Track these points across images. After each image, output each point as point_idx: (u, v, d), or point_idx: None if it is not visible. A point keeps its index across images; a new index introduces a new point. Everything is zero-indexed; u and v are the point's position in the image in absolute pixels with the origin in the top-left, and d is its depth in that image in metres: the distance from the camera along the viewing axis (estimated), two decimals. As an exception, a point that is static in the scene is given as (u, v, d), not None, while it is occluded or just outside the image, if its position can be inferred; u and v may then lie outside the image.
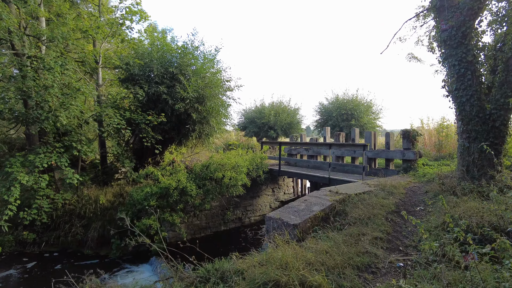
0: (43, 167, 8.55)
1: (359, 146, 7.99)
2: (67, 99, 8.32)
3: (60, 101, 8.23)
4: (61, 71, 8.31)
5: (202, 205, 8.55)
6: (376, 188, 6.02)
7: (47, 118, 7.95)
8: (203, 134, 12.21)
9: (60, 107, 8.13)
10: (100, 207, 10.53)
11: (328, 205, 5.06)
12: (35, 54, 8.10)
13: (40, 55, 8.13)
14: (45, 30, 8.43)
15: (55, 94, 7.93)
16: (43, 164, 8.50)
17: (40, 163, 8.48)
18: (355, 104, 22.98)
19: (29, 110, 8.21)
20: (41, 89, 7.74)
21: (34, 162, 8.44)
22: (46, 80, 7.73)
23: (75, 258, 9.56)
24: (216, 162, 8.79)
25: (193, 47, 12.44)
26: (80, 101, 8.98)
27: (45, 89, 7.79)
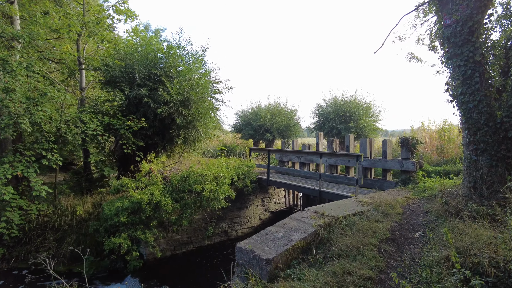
0: (6, 179, 7.82)
1: (352, 157, 7.20)
2: (32, 105, 7.57)
3: (24, 107, 7.48)
4: (26, 74, 7.58)
5: (179, 221, 7.76)
6: (369, 208, 5.22)
7: (7, 126, 7.21)
8: (188, 139, 11.45)
9: (23, 114, 7.38)
10: (76, 218, 9.79)
11: (310, 231, 4.28)
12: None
13: (2, 56, 7.37)
14: (9, 29, 7.68)
15: (17, 99, 7.18)
16: (6, 176, 7.76)
17: (3, 174, 7.74)
18: (353, 105, 22.21)
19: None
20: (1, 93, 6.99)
21: (-4, 173, 7.71)
22: (7, 84, 6.98)
23: (46, 276, 8.82)
24: (196, 173, 8.00)
25: (178, 46, 11.69)
26: (49, 106, 8.23)
27: (6, 93, 7.04)
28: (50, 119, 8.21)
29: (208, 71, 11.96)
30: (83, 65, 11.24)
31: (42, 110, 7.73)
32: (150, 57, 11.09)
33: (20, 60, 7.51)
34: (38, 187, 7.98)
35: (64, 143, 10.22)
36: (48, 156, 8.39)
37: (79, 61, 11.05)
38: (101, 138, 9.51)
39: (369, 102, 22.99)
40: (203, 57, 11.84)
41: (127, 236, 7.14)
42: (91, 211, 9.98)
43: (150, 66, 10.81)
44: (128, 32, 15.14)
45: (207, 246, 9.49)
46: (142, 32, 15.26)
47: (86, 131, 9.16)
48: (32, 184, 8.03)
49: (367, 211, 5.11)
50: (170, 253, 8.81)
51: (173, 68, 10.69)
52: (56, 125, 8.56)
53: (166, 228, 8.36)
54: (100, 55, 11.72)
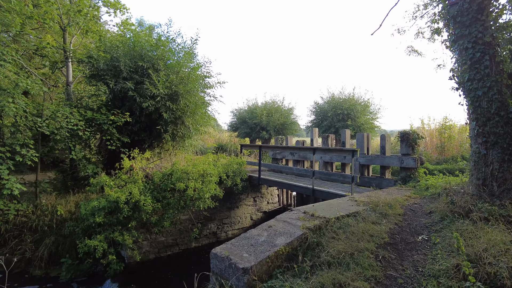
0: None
1: (347, 152, 6.63)
2: (2, 96, 6.99)
3: (-7, 98, 6.90)
4: (-5, 63, 6.99)
5: (161, 222, 7.18)
6: (365, 208, 4.66)
7: (-28, 118, 6.65)
8: (177, 136, 10.87)
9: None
10: (57, 219, 9.19)
11: (297, 235, 3.71)
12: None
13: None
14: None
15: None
16: (-25, 173, 7.19)
17: (-28, 172, 7.17)
18: (351, 103, 21.77)
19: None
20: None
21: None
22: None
23: (21, 280, 8.25)
24: (179, 170, 7.41)
25: (167, 38, 11.12)
26: (25, 99, 7.64)
27: (-28, 83, 6.48)
28: (24, 112, 7.63)
29: (199, 64, 11.40)
30: (70, 58, 10.65)
31: (14, 102, 7.15)
32: (137, 49, 10.52)
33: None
34: (10, 185, 7.40)
35: (56, 142, 9.67)
36: (23, 152, 7.82)
37: (65, 54, 10.47)
38: (82, 133, 8.94)
39: (367, 100, 22.57)
40: (193, 49, 11.27)
41: (104, 238, 6.55)
42: (73, 211, 9.40)
43: (137, 59, 10.25)
44: (118, 26, 14.61)
45: (194, 249, 8.91)
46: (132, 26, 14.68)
47: (66, 125, 8.60)
48: (3, 181, 7.45)
49: (363, 211, 4.55)
50: (154, 256, 8.23)
51: (161, 61, 10.11)
52: (31, 119, 7.98)
53: (149, 229, 7.78)
54: (86, 47, 11.15)
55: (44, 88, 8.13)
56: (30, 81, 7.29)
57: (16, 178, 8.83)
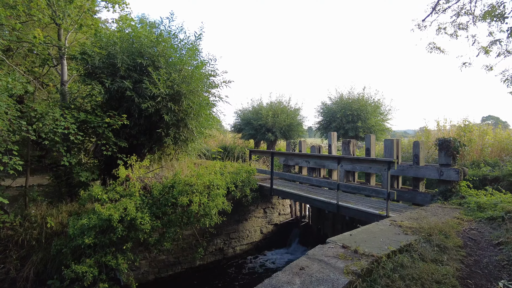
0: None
1: (381, 163, 5.67)
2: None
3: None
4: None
5: (161, 242, 6.22)
6: (417, 238, 3.70)
7: None
8: (179, 139, 9.93)
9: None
10: (47, 232, 8.28)
11: (343, 285, 2.76)
12: None
13: None
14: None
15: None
16: None
17: None
18: (361, 104, 20.86)
19: None
20: None
21: None
22: None
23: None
24: (182, 181, 6.46)
25: (168, 32, 10.19)
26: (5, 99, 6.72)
27: None
28: (5, 113, 6.71)
29: (203, 62, 10.45)
30: (64, 55, 9.73)
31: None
32: (136, 45, 9.59)
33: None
34: (-10, 196, 6.49)
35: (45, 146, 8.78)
36: (4, 160, 6.89)
37: (60, 51, 9.55)
38: (73, 137, 8.01)
39: (378, 101, 21.69)
40: (196, 45, 10.32)
41: (94, 262, 5.60)
42: (65, 223, 8.48)
43: (136, 55, 9.31)
44: (117, 22, 13.72)
45: (198, 267, 7.96)
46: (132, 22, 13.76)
47: (55, 129, 7.68)
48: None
49: (416, 243, 3.59)
50: (154, 277, 7.29)
51: (162, 58, 9.17)
52: (15, 122, 7.05)
53: (147, 247, 6.83)
54: (82, 44, 10.25)
55: (30, 88, 7.21)
56: (11, 79, 6.36)
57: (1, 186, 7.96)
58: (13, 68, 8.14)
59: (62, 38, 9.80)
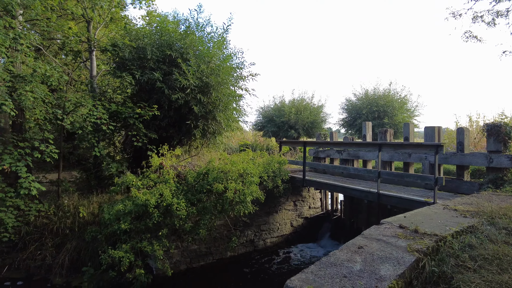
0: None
1: (428, 147, 5.36)
2: (19, 84, 6.19)
3: (9, 86, 6.11)
4: (11, 46, 6.21)
5: (196, 229, 6.13)
6: (479, 221, 3.43)
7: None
8: (208, 132, 9.89)
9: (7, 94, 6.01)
10: (79, 221, 8.41)
11: (409, 262, 2.56)
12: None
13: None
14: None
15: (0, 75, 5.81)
16: (-11, 170, 6.44)
17: (-14, 169, 6.42)
18: (387, 100, 20.36)
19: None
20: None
21: (-22, 167, 6.41)
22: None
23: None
24: (216, 168, 6.37)
25: (196, 25, 10.18)
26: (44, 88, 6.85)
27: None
28: (43, 103, 6.84)
29: (230, 54, 10.38)
30: (94, 49, 9.89)
31: (32, 91, 6.34)
32: (164, 37, 9.63)
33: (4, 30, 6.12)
34: (27, 184, 6.61)
35: (80, 139, 8.95)
36: (41, 148, 7.02)
37: (89, 45, 9.72)
38: (105, 127, 8.09)
39: (404, 97, 21.12)
40: (224, 37, 10.26)
41: (130, 248, 5.58)
42: (96, 213, 8.61)
43: (165, 47, 9.35)
44: (143, 18, 13.91)
45: (229, 258, 7.85)
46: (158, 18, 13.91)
47: (89, 119, 7.78)
48: (20, 180, 6.67)
49: (479, 225, 3.32)
50: (186, 267, 7.23)
51: (191, 50, 9.14)
52: (51, 111, 7.18)
53: (180, 236, 6.78)
54: (111, 39, 10.41)
55: (65, 77, 7.33)
56: (49, 68, 6.46)
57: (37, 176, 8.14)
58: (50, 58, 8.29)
59: (91, 32, 9.96)
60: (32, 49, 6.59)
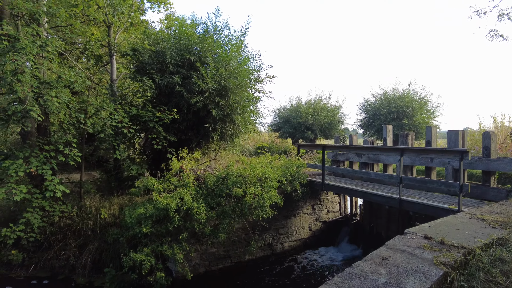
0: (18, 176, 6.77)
1: (453, 153, 5.20)
2: (45, 90, 6.40)
3: (36, 91, 6.33)
4: (38, 53, 6.43)
5: (215, 233, 6.18)
6: (508, 232, 3.31)
7: (15, 113, 6.09)
8: (226, 134, 9.95)
9: (34, 100, 6.23)
10: (101, 222, 8.63)
11: (436, 276, 2.49)
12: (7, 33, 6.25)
13: (14, 33, 6.28)
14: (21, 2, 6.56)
15: (27, 82, 6.03)
16: (18, 173, 6.68)
17: (15, 171, 6.66)
18: (407, 100, 19.93)
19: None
20: (8, 75, 5.84)
21: (7, 169, 6.66)
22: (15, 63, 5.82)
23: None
24: (235, 173, 6.39)
25: (215, 28, 10.24)
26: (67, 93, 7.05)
27: (14, 75, 5.90)
28: (67, 107, 7.04)
29: (247, 58, 10.40)
30: (114, 54, 10.11)
31: (57, 96, 6.54)
32: (183, 42, 9.75)
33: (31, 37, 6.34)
34: (53, 187, 6.83)
35: (101, 141, 9.20)
36: (65, 151, 7.24)
37: (110, 51, 9.96)
38: (126, 131, 8.26)
39: (424, 97, 20.62)
40: (242, 40, 10.29)
41: (151, 251, 5.68)
42: (117, 214, 8.81)
43: (184, 51, 9.46)
44: (161, 21, 14.12)
45: (247, 262, 7.87)
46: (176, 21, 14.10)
47: (110, 122, 7.97)
48: (46, 183, 6.90)
49: (510, 237, 3.21)
50: (204, 270, 7.30)
51: (209, 53, 9.21)
52: (75, 115, 7.38)
53: (199, 239, 6.84)
54: (130, 43, 10.63)
55: (88, 82, 7.53)
56: (74, 74, 6.65)
57: (61, 178, 8.37)
58: (74, 64, 8.54)
59: (112, 37, 10.18)
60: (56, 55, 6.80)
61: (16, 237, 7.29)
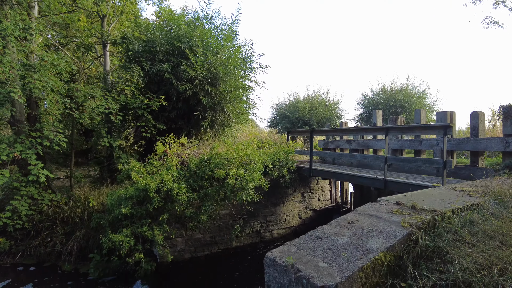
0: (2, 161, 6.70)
1: (436, 128, 5.05)
2: (28, 73, 6.32)
3: (19, 74, 6.25)
4: (21, 36, 6.35)
5: (197, 215, 6.07)
6: (486, 200, 3.18)
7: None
8: (216, 123, 9.86)
9: (14, 83, 6.14)
10: (89, 210, 8.55)
11: (401, 235, 2.37)
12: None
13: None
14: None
15: (7, 64, 5.95)
16: (1, 156, 6.62)
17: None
18: (405, 95, 19.82)
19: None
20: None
21: (-9, 154, 6.59)
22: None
23: (52, 275, 7.66)
24: (219, 155, 6.28)
25: (205, 17, 10.16)
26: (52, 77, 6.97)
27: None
28: (51, 91, 6.96)
29: (240, 46, 10.30)
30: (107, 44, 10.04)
31: (40, 79, 6.46)
32: (174, 30, 9.68)
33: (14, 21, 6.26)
34: (36, 171, 6.75)
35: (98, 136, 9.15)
36: (50, 136, 7.16)
37: (103, 43, 9.89)
38: (114, 118, 8.18)
39: (423, 91, 20.47)
40: (233, 28, 10.19)
41: (131, 232, 5.58)
42: (105, 203, 8.76)
43: (174, 39, 9.39)
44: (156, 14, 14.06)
45: (235, 248, 7.76)
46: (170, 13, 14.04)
47: (97, 108, 7.89)
48: (30, 167, 6.82)
49: (486, 203, 3.08)
50: (190, 255, 7.19)
51: (199, 41, 9.12)
52: (61, 101, 7.30)
53: (184, 224, 6.74)
54: (120, 31, 10.55)
55: (74, 67, 7.45)
56: (57, 57, 6.57)
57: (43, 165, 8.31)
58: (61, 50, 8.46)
59: (105, 27, 10.12)
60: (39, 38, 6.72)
61: (2, 223, 7.23)
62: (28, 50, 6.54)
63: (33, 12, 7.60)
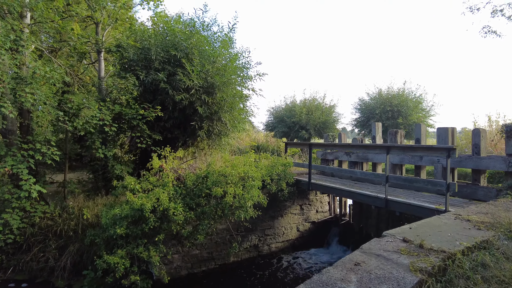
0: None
1: (440, 150, 4.95)
2: (18, 85, 6.13)
3: (9, 87, 6.06)
4: (12, 48, 6.16)
5: (194, 235, 5.92)
6: (494, 235, 3.07)
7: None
8: (213, 133, 9.70)
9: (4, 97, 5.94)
10: (83, 223, 8.37)
11: (411, 284, 2.25)
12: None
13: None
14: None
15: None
16: (-10, 172, 6.42)
17: (-13, 171, 6.40)
18: (402, 99, 19.80)
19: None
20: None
21: (-20, 169, 6.40)
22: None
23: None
24: (216, 172, 6.14)
25: (202, 24, 10.00)
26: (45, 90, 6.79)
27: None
28: (44, 104, 6.77)
29: (237, 54, 10.15)
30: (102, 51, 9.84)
31: (31, 92, 6.26)
32: (170, 38, 9.51)
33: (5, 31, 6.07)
34: (27, 186, 6.55)
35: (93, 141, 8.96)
36: (43, 150, 6.97)
37: (98, 49, 9.69)
38: (108, 129, 7.99)
39: (419, 96, 20.48)
40: (230, 36, 10.04)
41: (126, 253, 5.42)
42: (100, 215, 8.55)
43: (170, 47, 9.21)
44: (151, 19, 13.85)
45: (232, 264, 7.62)
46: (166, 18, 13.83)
47: (91, 120, 7.70)
48: (21, 183, 6.62)
49: (495, 239, 2.97)
50: (187, 272, 7.03)
51: (196, 49, 8.96)
52: (54, 113, 7.10)
53: (181, 241, 6.58)
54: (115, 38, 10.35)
55: (67, 78, 7.26)
56: (49, 69, 6.38)
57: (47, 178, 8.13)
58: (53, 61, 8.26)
59: (100, 34, 9.93)
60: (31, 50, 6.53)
61: (-9, 239, 7.03)
62: (20, 62, 6.34)
63: (25, 22, 7.40)
